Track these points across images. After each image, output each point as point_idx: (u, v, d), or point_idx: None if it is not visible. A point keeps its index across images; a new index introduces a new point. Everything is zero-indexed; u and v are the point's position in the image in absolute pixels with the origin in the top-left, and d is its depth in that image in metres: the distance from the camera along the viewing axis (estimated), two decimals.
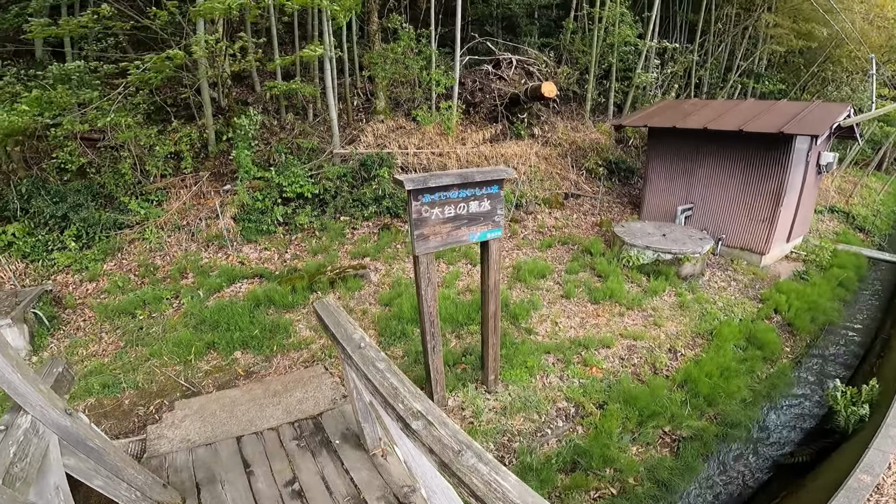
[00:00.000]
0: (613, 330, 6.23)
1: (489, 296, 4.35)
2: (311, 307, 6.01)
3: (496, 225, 4.04)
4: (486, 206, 3.89)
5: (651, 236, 7.99)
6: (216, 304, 6.19)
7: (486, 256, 4.20)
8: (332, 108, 8.63)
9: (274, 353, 5.56)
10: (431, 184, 3.42)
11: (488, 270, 4.21)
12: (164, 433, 3.93)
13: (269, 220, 7.85)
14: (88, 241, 7.60)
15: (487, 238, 4.05)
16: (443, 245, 3.78)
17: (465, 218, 3.80)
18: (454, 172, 3.58)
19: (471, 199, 3.77)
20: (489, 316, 4.51)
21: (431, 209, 3.57)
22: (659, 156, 9.34)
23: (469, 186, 3.70)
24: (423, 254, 3.70)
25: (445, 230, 3.73)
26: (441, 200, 3.60)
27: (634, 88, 12.43)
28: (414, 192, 3.43)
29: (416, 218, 3.53)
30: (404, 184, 3.31)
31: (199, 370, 5.41)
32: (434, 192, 3.54)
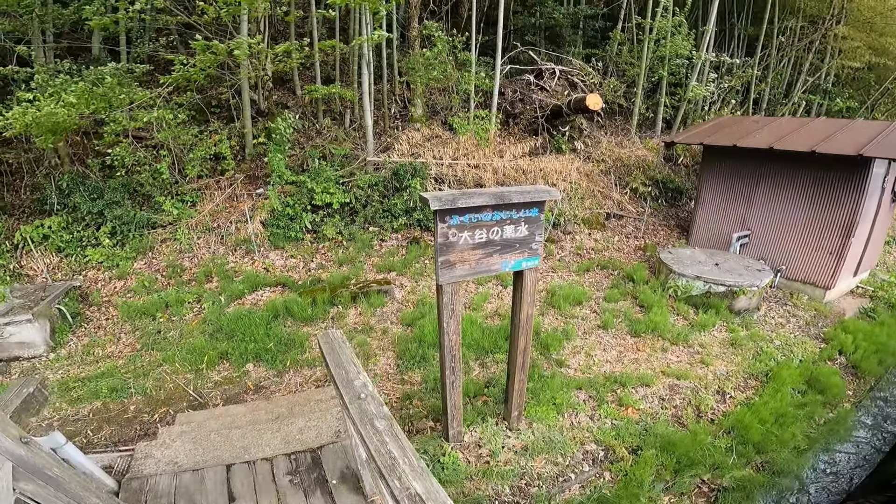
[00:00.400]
0: (654, 367, 5.60)
1: (519, 330, 3.86)
2: (317, 338, 5.64)
3: (533, 253, 3.56)
4: (523, 231, 3.42)
5: (702, 265, 7.27)
6: (235, 312, 5.96)
7: (519, 287, 3.72)
8: (368, 114, 8.36)
9: (287, 369, 5.26)
10: (461, 203, 2.98)
11: (521, 303, 3.73)
12: (152, 452, 3.63)
13: (298, 226, 7.62)
14: (122, 238, 7.58)
15: (522, 267, 3.57)
16: (471, 274, 3.34)
17: (497, 244, 3.34)
18: (488, 191, 3.13)
19: (506, 222, 3.31)
20: (518, 351, 4.02)
21: (460, 233, 3.13)
22: (714, 176, 8.59)
23: (505, 208, 3.25)
24: (447, 283, 3.26)
25: (475, 257, 3.28)
26: (471, 223, 3.16)
27: (686, 103, 11.63)
28: (441, 213, 3.00)
29: (441, 242, 3.10)
30: (430, 202, 2.89)
31: (210, 380, 5.18)
32: (464, 214, 3.10)
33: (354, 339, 5.58)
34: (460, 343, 3.62)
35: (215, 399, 4.96)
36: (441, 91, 10.33)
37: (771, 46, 13.02)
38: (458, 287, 3.36)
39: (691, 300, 6.96)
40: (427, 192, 3.01)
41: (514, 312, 3.89)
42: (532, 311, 3.84)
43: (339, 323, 5.89)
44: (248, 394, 5.03)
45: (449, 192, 3.06)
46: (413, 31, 10.70)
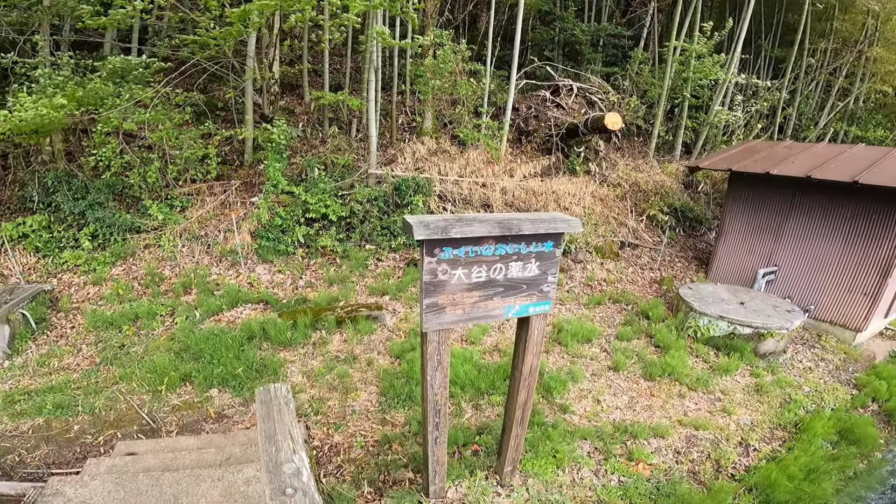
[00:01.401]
0: (670, 415, 4.90)
1: (520, 383, 3.19)
2: (256, 394, 4.98)
3: (544, 297, 2.90)
4: (532, 269, 2.76)
5: (725, 304, 6.52)
6: (207, 330, 5.34)
7: (523, 335, 3.05)
8: (373, 123, 7.81)
9: (254, 398, 4.60)
10: (455, 233, 2.33)
11: (524, 353, 3.06)
12: (64, 489, 3.00)
13: (290, 239, 7.03)
14: (104, 242, 7.06)
15: (529, 314, 2.91)
16: (464, 320, 2.68)
17: (500, 285, 2.69)
18: (491, 218, 2.48)
19: (512, 258, 2.66)
20: (517, 405, 3.35)
21: (452, 270, 2.48)
22: (739, 206, 7.86)
23: (512, 241, 2.60)
24: (434, 331, 2.60)
25: (470, 300, 2.62)
26: (468, 259, 2.52)
27: (709, 127, 10.94)
28: (428, 244, 2.36)
29: (428, 281, 2.45)
30: (414, 230, 2.24)
31: (168, 404, 4.59)
32: (459, 246, 2.45)
33: (335, 370, 4.93)
34: (447, 396, 2.94)
35: (170, 425, 4.37)
36: (452, 104, 9.77)
37: (799, 69, 12.32)
38: (446, 335, 2.69)
39: (712, 341, 6.22)
40: (412, 216, 2.37)
41: (515, 364, 3.21)
42: (537, 363, 3.17)
43: (321, 350, 5.24)
44: (207, 422, 4.42)
45: (440, 217, 2.41)
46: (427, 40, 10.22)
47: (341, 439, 4.22)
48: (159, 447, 3.95)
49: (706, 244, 9.54)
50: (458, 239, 2.41)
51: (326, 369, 4.95)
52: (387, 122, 9.74)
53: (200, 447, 3.97)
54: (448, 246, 2.41)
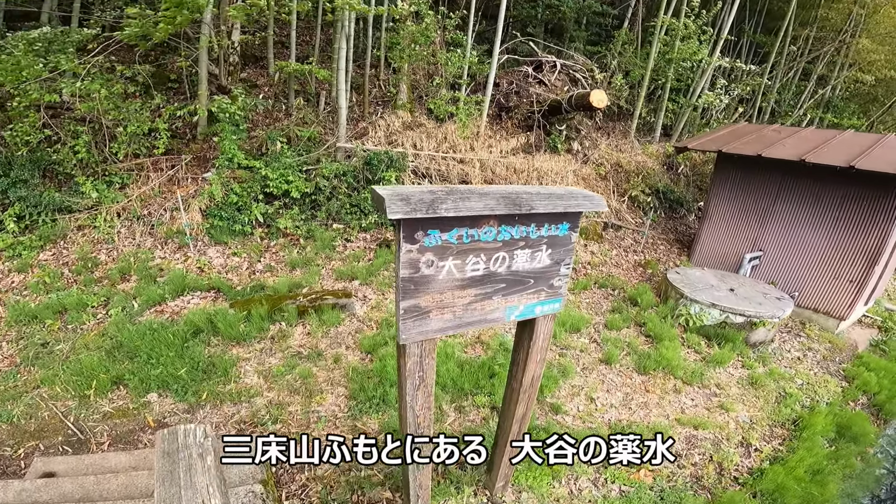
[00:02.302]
0: (668, 413, 4.49)
1: (519, 395, 2.60)
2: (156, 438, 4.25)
3: (554, 293, 2.29)
4: (542, 258, 2.14)
5: (715, 290, 6.11)
6: (146, 324, 4.53)
7: (525, 341, 2.45)
8: (342, 93, 6.99)
9: (202, 403, 3.90)
10: (446, 210, 1.65)
11: (526, 360, 2.46)
12: None
13: (247, 218, 6.20)
14: (32, 223, 6.06)
15: (536, 314, 2.29)
16: (455, 327, 2.04)
17: (502, 280, 2.06)
18: (494, 191, 1.81)
19: (518, 244, 2.03)
20: (514, 420, 2.77)
21: (441, 261, 1.82)
22: (726, 189, 7.46)
23: (520, 221, 1.96)
24: (414, 342, 1.94)
25: (463, 301, 1.97)
26: (462, 245, 1.86)
27: (691, 110, 10.52)
28: (408, 226, 1.67)
29: (407, 276, 1.78)
30: (386, 204, 1.55)
31: (98, 411, 3.85)
32: (450, 228, 1.78)
33: (297, 369, 4.23)
34: (431, 418, 2.30)
35: (101, 436, 3.65)
36: (429, 77, 8.98)
37: (781, 55, 12.02)
38: (431, 346, 2.03)
39: (703, 330, 5.81)
40: (384, 188, 1.67)
41: (513, 372, 2.61)
42: (541, 372, 2.58)
43: (281, 345, 4.52)
44: (145, 432, 3.70)
45: (424, 189, 1.71)
46: (404, 11, 9.36)
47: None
48: (84, 465, 3.22)
49: (686, 227, 9.18)
50: (449, 218, 1.74)
51: (287, 368, 4.24)
52: (359, 95, 8.88)
53: (133, 466, 3.25)
54: (435, 228, 1.73)
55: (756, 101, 11.95)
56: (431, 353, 2.05)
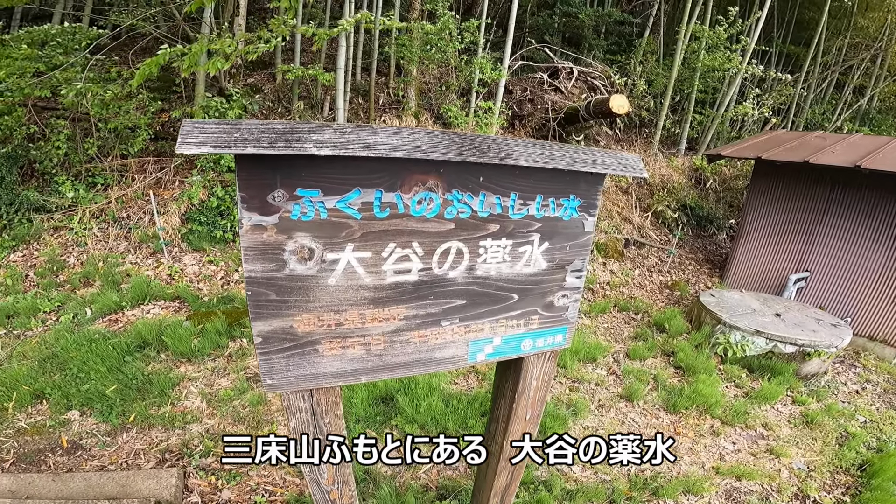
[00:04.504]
0: (703, 461, 3.54)
1: (499, 464, 1.74)
2: None
3: (555, 318, 1.48)
4: (534, 257, 1.34)
5: (759, 315, 5.08)
6: (88, 334, 3.83)
7: (508, 391, 1.68)
8: (341, 95, 6.38)
9: (127, 425, 3.16)
10: (319, 144, 0.83)
11: (509, 419, 1.64)
12: None
13: (229, 224, 5.53)
14: (7, 222, 5.55)
15: (523, 352, 1.46)
16: (371, 371, 1.20)
17: (455, 291, 1.22)
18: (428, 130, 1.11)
19: (485, 228, 1.19)
20: (493, 491, 1.89)
21: (330, 249, 1.00)
22: (765, 201, 6.45)
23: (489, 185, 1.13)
24: (297, 392, 1.14)
25: (382, 325, 1.15)
26: (372, 222, 1.02)
27: (718, 121, 9.55)
28: (250, 173, 0.86)
29: (262, 276, 0.96)
30: (183, 128, 0.74)
31: (12, 426, 3.21)
32: (343, 187, 0.95)
33: (248, 394, 3.44)
34: (354, 497, 1.45)
35: (6, 453, 2.99)
36: (438, 81, 8.34)
37: (815, 65, 10.97)
38: (331, 397, 1.21)
39: (745, 361, 4.79)
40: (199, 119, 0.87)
41: (491, 431, 1.80)
42: (534, 432, 1.70)
43: (237, 365, 3.74)
44: (55, 453, 3.01)
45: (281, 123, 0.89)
46: (414, 12, 8.81)
47: (234, 496, 2.74)
48: None
49: (717, 245, 8.12)
50: (337, 166, 0.93)
51: (237, 392, 3.46)
52: (365, 101, 8.29)
53: (13, 491, 2.53)
54: (312, 185, 0.92)
55: (790, 113, 10.87)
56: (335, 407, 1.22)
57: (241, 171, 0.83)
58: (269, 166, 0.85)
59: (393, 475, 3.07)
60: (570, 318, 1.53)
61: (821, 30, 10.26)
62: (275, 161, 0.84)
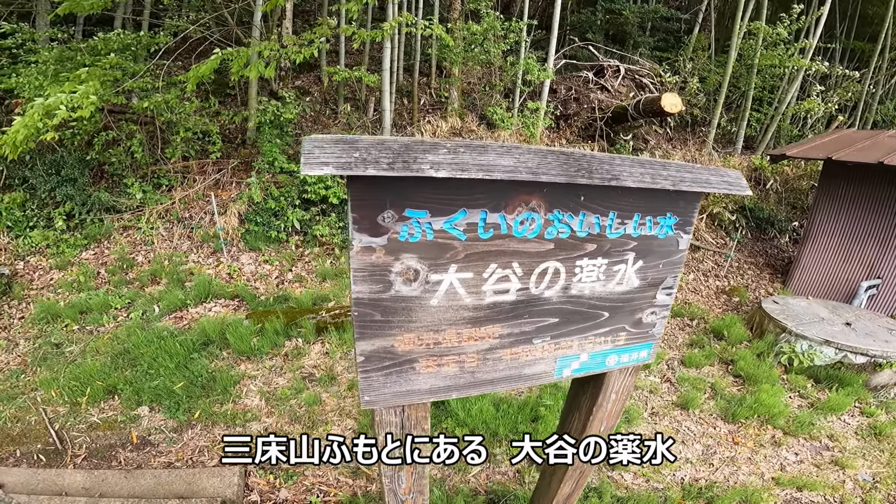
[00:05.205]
0: (762, 471, 3.40)
1: (567, 471, 1.72)
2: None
3: (641, 334, 1.42)
4: (628, 275, 1.29)
5: (827, 324, 4.75)
6: (157, 331, 4.04)
7: (585, 403, 1.65)
8: (387, 95, 6.44)
9: (193, 422, 3.30)
10: (435, 164, 0.81)
11: (583, 429, 1.61)
12: None
13: (283, 225, 5.71)
14: (81, 222, 5.94)
15: (607, 368, 1.41)
16: (463, 387, 1.19)
17: (550, 310, 1.19)
18: (534, 149, 0.94)
19: (583, 248, 1.15)
20: (557, 499, 1.86)
21: (434, 270, 0.98)
22: (834, 204, 6.02)
23: (590, 204, 1.09)
24: (390, 407, 1.15)
25: (478, 344, 1.13)
26: (476, 243, 1.00)
27: (780, 118, 9.00)
28: (363, 195, 0.85)
29: (369, 297, 0.97)
30: (304, 148, 0.74)
31: (86, 420, 3.38)
32: (450, 208, 0.93)
33: (304, 394, 3.52)
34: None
35: (79, 448, 3.14)
36: (481, 81, 8.28)
37: (882, 60, 10.14)
38: (420, 413, 1.21)
39: (811, 371, 4.50)
40: (319, 135, 0.84)
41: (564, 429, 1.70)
42: None
43: (293, 364, 3.85)
44: (125, 448, 3.18)
45: (396, 139, 0.86)
46: (455, 12, 8.78)
47: (291, 496, 2.81)
48: (35, 480, 2.72)
49: (778, 249, 7.65)
50: (445, 188, 0.90)
51: (293, 391, 3.55)
52: (409, 102, 8.34)
53: (86, 488, 2.68)
54: (420, 206, 0.90)
55: (856, 111, 10.10)
56: (423, 422, 1.21)
57: (354, 191, 0.83)
58: (381, 187, 0.84)
59: (443, 478, 3.07)
60: (657, 335, 1.48)
61: (887, 24, 9.47)
62: (386, 181, 0.83)
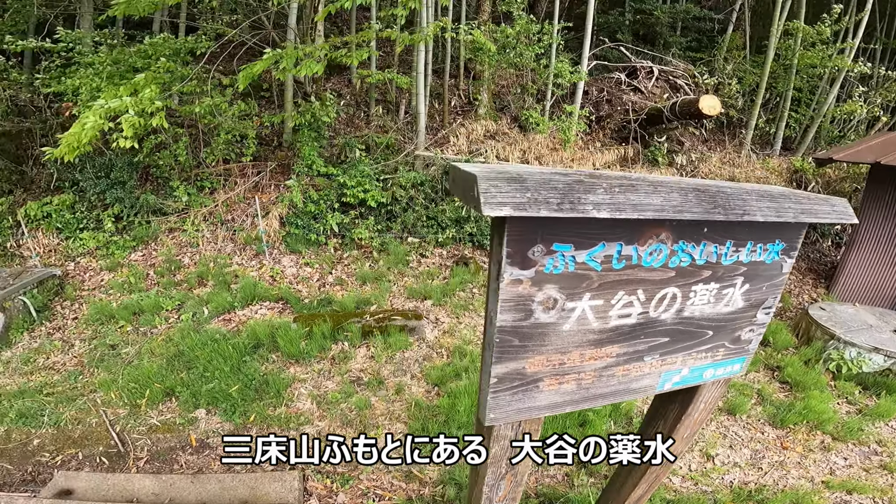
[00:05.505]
0: (811, 475, 3.41)
1: (644, 475, 1.78)
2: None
3: (738, 350, 1.43)
4: (734, 298, 1.30)
5: (876, 331, 4.63)
6: (209, 333, 4.15)
7: (673, 412, 1.62)
8: (422, 98, 6.46)
9: (248, 425, 3.38)
10: (596, 205, 0.82)
11: (670, 434, 1.60)
12: None
13: (322, 228, 5.79)
14: (128, 223, 6.13)
15: (703, 380, 1.43)
16: (576, 402, 1.22)
17: (663, 331, 1.23)
18: (676, 183, 0.95)
19: (699, 275, 1.17)
20: (630, 501, 1.88)
21: (571, 298, 1.00)
22: (882, 209, 5.83)
23: (711, 234, 1.11)
24: (508, 422, 1.18)
25: (596, 363, 1.17)
26: (609, 273, 1.02)
27: (821, 119, 8.74)
28: (519, 232, 0.87)
29: (510, 325, 0.98)
30: (479, 188, 0.75)
31: (145, 423, 3.47)
32: (590, 242, 0.95)
33: (353, 397, 3.58)
34: None
35: (140, 450, 3.25)
36: (511, 85, 8.25)
37: None
38: (533, 426, 1.24)
39: (860, 378, 4.40)
40: (472, 164, 0.88)
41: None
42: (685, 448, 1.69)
43: (340, 368, 3.91)
44: (185, 451, 3.27)
45: (548, 170, 0.87)
46: (483, 14, 8.76)
47: (348, 500, 2.87)
48: (106, 486, 2.81)
49: (821, 254, 7.45)
50: (593, 224, 0.92)
51: (343, 395, 3.61)
52: (439, 104, 8.37)
53: (156, 493, 2.76)
54: (567, 241, 0.92)
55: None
56: (535, 434, 1.24)
57: (513, 227, 0.85)
58: (538, 224, 0.86)
59: None
60: (751, 350, 1.50)
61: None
62: (542, 218, 0.85)
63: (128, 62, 5.53)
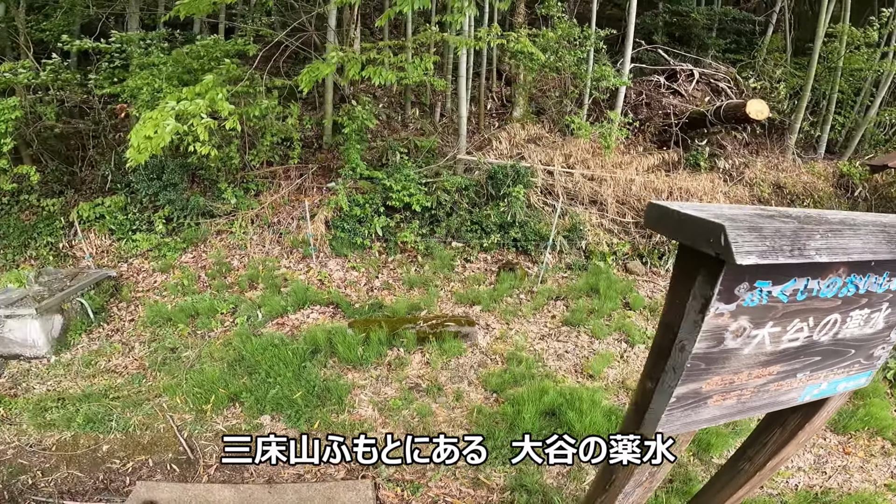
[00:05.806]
0: (874, 478, 3.48)
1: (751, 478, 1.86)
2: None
3: (869, 365, 1.44)
4: (877, 321, 1.30)
5: None
6: (267, 338, 4.22)
7: (793, 420, 1.63)
8: (463, 102, 6.46)
9: (314, 431, 3.41)
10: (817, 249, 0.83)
11: (786, 442, 1.68)
12: None
13: (367, 231, 5.85)
14: (178, 225, 6.27)
15: (836, 392, 1.45)
16: (731, 415, 1.28)
17: (818, 351, 1.23)
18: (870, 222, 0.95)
19: (858, 302, 1.19)
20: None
21: (756, 327, 1.03)
22: None
23: (875, 269, 1.12)
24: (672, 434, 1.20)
25: (759, 380, 1.19)
26: (792, 305, 1.05)
27: (868, 123, 8.49)
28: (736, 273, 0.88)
29: (703, 352, 1.01)
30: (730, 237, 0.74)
31: (211, 429, 3.52)
32: (786, 278, 0.97)
33: (414, 404, 3.61)
34: None
35: (209, 458, 3.28)
36: (549, 89, 8.21)
37: None
38: (686, 438, 1.27)
39: None
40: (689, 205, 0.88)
41: (750, 452, 1.75)
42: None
43: (397, 374, 3.94)
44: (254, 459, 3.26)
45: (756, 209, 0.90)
46: (519, 17, 8.74)
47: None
48: (188, 497, 2.86)
49: None
50: (796, 267, 0.94)
51: (404, 402, 3.63)
52: (475, 107, 8.37)
53: None
54: (767, 279, 0.93)
55: None
56: (683, 445, 1.27)
57: (731, 269, 0.86)
58: (763, 266, 0.88)
59: (559, 487, 3.10)
60: (878, 365, 1.50)
61: None
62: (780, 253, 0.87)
63: (186, 64, 5.64)
